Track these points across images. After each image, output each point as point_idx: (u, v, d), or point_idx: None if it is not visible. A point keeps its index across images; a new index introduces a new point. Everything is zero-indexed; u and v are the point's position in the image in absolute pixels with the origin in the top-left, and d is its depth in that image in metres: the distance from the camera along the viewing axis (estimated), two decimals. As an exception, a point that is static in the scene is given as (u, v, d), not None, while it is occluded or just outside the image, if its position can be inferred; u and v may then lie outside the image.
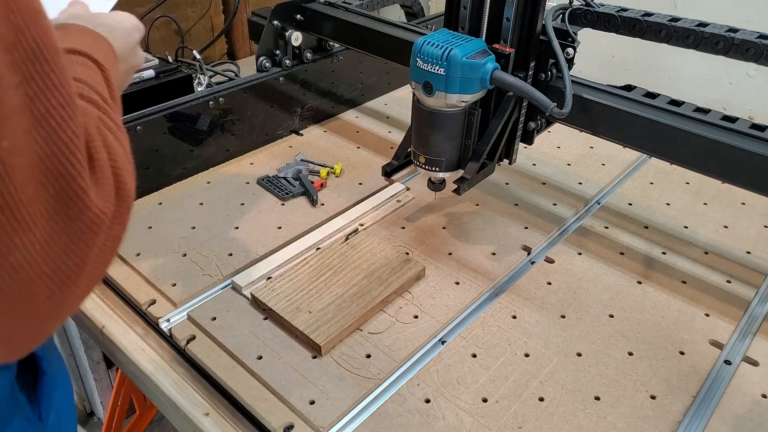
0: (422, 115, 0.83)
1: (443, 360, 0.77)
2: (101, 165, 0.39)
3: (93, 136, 0.39)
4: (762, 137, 0.74)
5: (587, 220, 1.05)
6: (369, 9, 1.23)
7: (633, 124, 0.81)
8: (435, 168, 0.86)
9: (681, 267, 0.94)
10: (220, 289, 0.86)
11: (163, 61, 1.23)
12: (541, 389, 0.73)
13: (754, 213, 1.08)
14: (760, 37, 0.78)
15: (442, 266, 0.92)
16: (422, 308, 0.84)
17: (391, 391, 0.73)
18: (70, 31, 0.54)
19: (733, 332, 0.83)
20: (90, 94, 0.45)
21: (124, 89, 0.64)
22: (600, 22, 0.90)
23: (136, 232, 0.97)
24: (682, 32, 0.83)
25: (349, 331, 0.78)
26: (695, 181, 1.16)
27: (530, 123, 0.90)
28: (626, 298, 0.88)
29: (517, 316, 0.84)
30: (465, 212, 1.05)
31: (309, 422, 0.68)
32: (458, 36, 0.78)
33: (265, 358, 0.75)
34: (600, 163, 1.21)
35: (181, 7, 1.59)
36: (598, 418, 0.70)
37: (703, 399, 0.73)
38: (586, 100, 0.84)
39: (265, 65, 1.21)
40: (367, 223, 1.01)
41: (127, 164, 0.43)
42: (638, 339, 0.81)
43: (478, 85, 0.77)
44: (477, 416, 0.70)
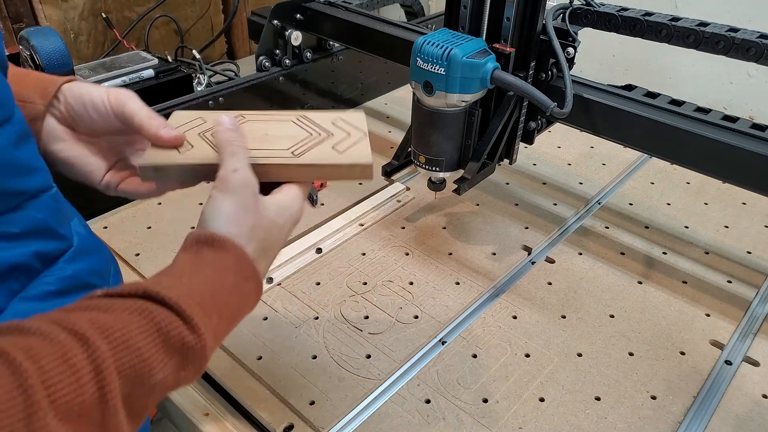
0: (422, 115, 0.82)
1: (443, 360, 0.77)
2: None
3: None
4: (763, 137, 0.74)
5: (588, 220, 1.05)
6: (369, 8, 1.23)
7: (633, 124, 0.81)
8: (435, 168, 0.86)
9: (681, 267, 0.94)
10: (219, 289, 0.86)
11: (162, 61, 1.23)
12: (542, 389, 0.73)
13: (754, 213, 1.08)
14: (761, 36, 0.78)
15: (442, 266, 0.92)
16: (422, 308, 0.84)
17: (391, 392, 0.72)
18: (205, 256, 0.42)
19: (734, 332, 0.83)
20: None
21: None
22: (600, 21, 0.90)
23: (136, 232, 0.97)
24: (682, 32, 0.83)
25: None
26: (696, 181, 1.16)
27: (531, 123, 0.90)
28: (627, 299, 0.88)
29: (517, 317, 0.84)
30: (465, 212, 1.05)
31: (309, 422, 0.68)
32: (458, 35, 0.78)
33: (265, 358, 0.75)
34: (600, 162, 1.21)
35: (181, 6, 1.59)
36: (598, 418, 0.70)
37: (704, 399, 0.73)
38: (586, 100, 0.84)
39: (264, 65, 1.21)
40: (367, 223, 1.01)
41: None
42: (639, 339, 0.81)
43: (479, 84, 0.77)
44: (477, 416, 0.70)
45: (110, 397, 0.33)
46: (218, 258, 0.43)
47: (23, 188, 0.42)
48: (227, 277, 0.43)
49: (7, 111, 0.40)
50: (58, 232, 0.45)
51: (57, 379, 0.31)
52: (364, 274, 0.90)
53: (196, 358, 0.38)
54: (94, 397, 0.32)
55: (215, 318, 0.40)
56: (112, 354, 0.34)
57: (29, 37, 0.97)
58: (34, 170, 0.43)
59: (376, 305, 0.84)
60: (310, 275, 0.89)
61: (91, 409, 0.32)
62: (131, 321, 0.36)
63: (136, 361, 0.35)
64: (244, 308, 0.45)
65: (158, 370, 0.36)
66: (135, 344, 0.35)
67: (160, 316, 0.37)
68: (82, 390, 0.32)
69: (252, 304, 0.46)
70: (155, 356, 0.36)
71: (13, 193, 0.41)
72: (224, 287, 0.42)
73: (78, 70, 1.10)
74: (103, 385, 0.33)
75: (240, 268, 0.44)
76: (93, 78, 1.09)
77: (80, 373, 0.32)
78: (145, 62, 1.17)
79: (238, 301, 0.43)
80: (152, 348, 0.36)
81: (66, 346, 0.32)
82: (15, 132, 0.41)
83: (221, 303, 0.41)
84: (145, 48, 1.47)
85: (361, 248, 0.95)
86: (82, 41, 1.43)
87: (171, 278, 0.41)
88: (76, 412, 0.32)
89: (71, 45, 1.41)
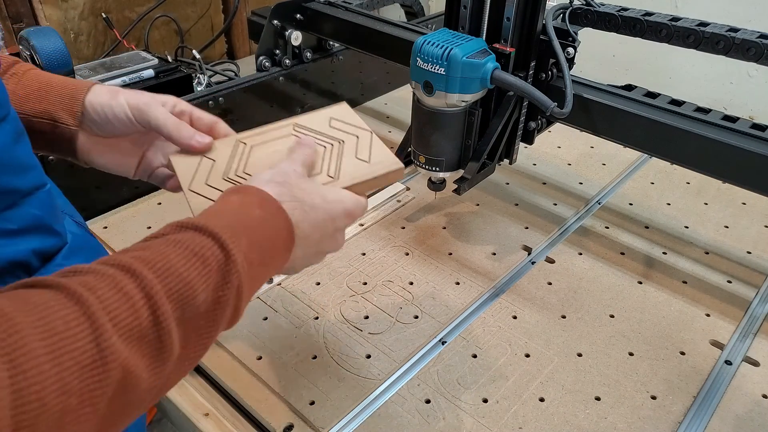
0: (422, 115, 0.82)
1: (443, 360, 0.77)
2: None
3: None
4: (763, 137, 0.74)
5: (588, 220, 1.05)
6: (369, 8, 1.23)
7: (633, 124, 0.81)
8: (435, 168, 0.86)
9: (681, 267, 0.94)
10: (219, 289, 0.86)
11: (162, 61, 1.23)
12: (542, 389, 0.73)
13: (754, 213, 1.08)
14: (761, 36, 0.78)
15: (442, 266, 0.92)
16: (422, 308, 0.84)
17: (391, 392, 0.72)
18: (230, 199, 0.47)
19: (734, 332, 0.83)
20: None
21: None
22: (600, 21, 0.90)
23: (136, 232, 0.97)
24: (682, 32, 0.83)
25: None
26: (696, 181, 1.16)
27: (531, 123, 0.90)
28: (627, 299, 0.88)
29: (517, 317, 0.84)
30: (465, 212, 1.05)
31: (309, 422, 0.68)
32: (458, 35, 0.78)
33: (265, 358, 0.75)
34: (600, 162, 1.21)
35: (181, 6, 1.59)
36: (598, 418, 0.70)
37: (704, 399, 0.73)
38: (586, 100, 0.84)
39: (264, 65, 1.21)
40: (367, 223, 1.01)
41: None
42: (639, 339, 0.81)
43: (479, 84, 0.77)
44: (477, 416, 0.70)
45: (163, 319, 0.36)
46: (243, 198, 0.47)
47: (20, 186, 0.42)
48: (253, 210, 0.46)
49: (3, 110, 0.41)
50: (54, 228, 0.46)
51: (115, 306, 0.34)
52: (364, 274, 0.90)
53: (232, 276, 0.41)
54: (149, 320, 0.36)
55: (244, 240, 0.43)
56: (159, 281, 0.37)
57: (29, 37, 0.97)
58: (29, 168, 0.44)
59: (376, 305, 0.84)
60: (310, 275, 0.89)
61: (148, 331, 0.35)
62: (169, 251, 0.39)
63: (181, 285, 0.38)
64: (276, 242, 0.46)
65: (201, 290, 0.39)
66: (176, 270, 0.38)
67: (194, 241, 0.40)
68: (138, 314, 0.35)
69: (284, 241, 0.48)
70: (196, 278, 0.39)
71: (10, 190, 0.42)
72: (251, 217, 0.45)
73: (78, 70, 1.10)
74: (155, 309, 0.36)
75: (265, 205, 0.47)
76: (93, 78, 1.09)
77: (134, 299, 0.35)
78: (145, 62, 1.17)
79: (267, 233, 0.46)
80: (192, 271, 0.39)
81: (117, 278, 0.36)
82: (11, 130, 0.41)
83: (249, 229, 0.44)
84: (145, 48, 1.47)
85: (361, 248, 0.95)
86: (82, 41, 1.43)
87: (200, 216, 0.44)
88: (136, 334, 0.35)
89: (71, 45, 1.41)
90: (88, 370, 0.32)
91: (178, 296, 0.37)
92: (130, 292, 0.35)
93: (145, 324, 0.35)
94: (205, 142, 0.58)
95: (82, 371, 0.32)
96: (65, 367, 0.31)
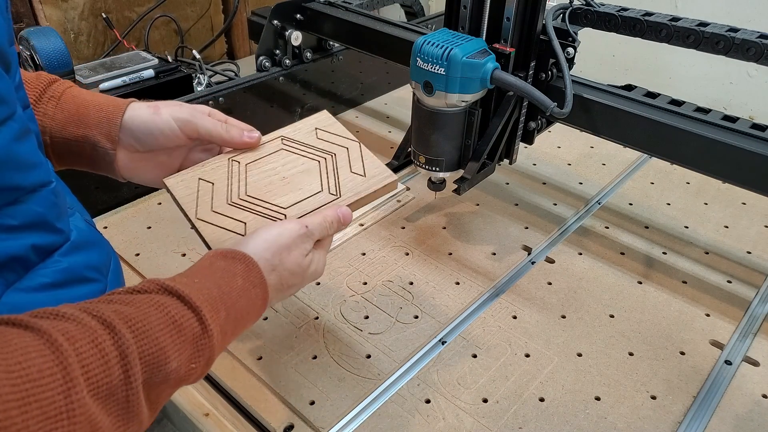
0: (422, 115, 0.82)
1: (443, 360, 0.77)
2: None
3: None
4: (762, 137, 0.74)
5: (588, 220, 1.05)
6: (369, 8, 1.23)
7: (633, 124, 0.81)
8: (435, 168, 0.86)
9: (681, 267, 0.94)
10: (219, 289, 0.86)
11: (162, 61, 1.23)
12: (542, 389, 0.73)
13: (754, 213, 1.08)
14: (761, 36, 0.78)
15: (442, 266, 0.92)
16: (422, 308, 0.84)
17: (391, 392, 0.72)
18: (217, 265, 0.48)
19: (734, 332, 0.83)
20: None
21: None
22: (600, 21, 0.90)
23: (136, 232, 0.97)
24: (682, 32, 0.83)
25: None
26: (696, 181, 1.16)
27: (530, 123, 0.90)
28: (627, 299, 0.88)
29: (517, 317, 0.84)
30: (465, 212, 1.05)
31: (309, 422, 0.68)
32: (458, 35, 0.78)
33: (265, 358, 0.75)
34: (600, 162, 1.21)
35: (181, 6, 1.59)
36: (598, 418, 0.70)
37: (704, 399, 0.73)
38: (586, 100, 0.84)
39: (264, 65, 1.21)
40: (367, 223, 1.01)
41: None
42: (639, 339, 0.81)
43: (479, 84, 0.77)
44: (477, 416, 0.70)
45: (133, 380, 0.37)
46: (229, 265, 0.48)
47: (23, 183, 0.43)
48: (236, 280, 0.47)
49: (9, 108, 0.41)
50: (56, 226, 0.46)
51: (90, 360, 0.35)
52: (364, 274, 0.90)
53: (205, 350, 0.42)
54: (120, 379, 0.36)
55: (223, 314, 0.45)
56: (135, 341, 0.38)
57: (29, 37, 0.97)
58: (34, 165, 0.44)
59: (376, 305, 0.84)
60: (310, 275, 0.89)
61: (117, 390, 0.36)
62: (150, 313, 0.40)
63: (155, 348, 0.39)
64: (251, 312, 0.49)
65: (173, 359, 0.40)
66: (154, 334, 0.39)
67: (175, 309, 0.41)
68: (111, 371, 0.36)
69: (258, 309, 0.50)
70: (171, 345, 0.40)
71: (13, 187, 0.42)
72: (233, 289, 0.47)
73: (78, 70, 1.10)
74: (127, 369, 0.36)
75: (248, 275, 0.48)
76: (93, 78, 1.09)
77: (109, 356, 0.36)
78: (145, 62, 1.17)
79: (246, 304, 0.47)
80: (168, 338, 0.40)
81: (96, 332, 0.36)
82: (16, 129, 0.42)
83: (229, 303, 0.46)
84: (145, 48, 1.47)
85: (361, 248, 0.95)
86: (82, 41, 1.43)
87: (185, 278, 0.45)
88: (105, 391, 0.35)
89: (71, 45, 1.41)
90: (53, 422, 0.32)
91: (151, 360, 0.38)
92: (106, 349, 0.36)
93: (116, 382, 0.36)
94: (256, 136, 0.62)
95: (46, 422, 0.32)
96: (32, 415, 0.31)
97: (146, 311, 0.40)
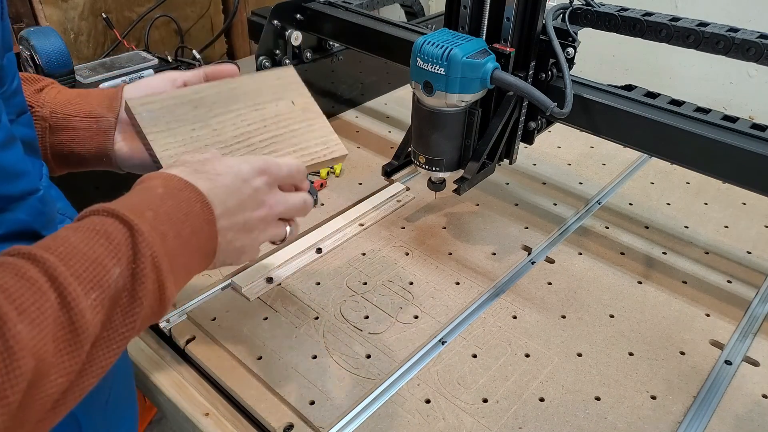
0: (422, 115, 0.82)
1: (443, 360, 0.77)
2: None
3: None
4: (762, 137, 0.74)
5: (588, 220, 1.05)
6: (369, 8, 1.23)
7: (633, 124, 0.81)
8: (435, 168, 0.86)
9: (681, 267, 0.94)
10: (219, 290, 0.86)
11: (162, 61, 1.23)
12: (542, 389, 0.73)
13: (754, 213, 1.08)
14: (761, 36, 0.78)
15: (442, 266, 0.92)
16: (422, 308, 0.84)
17: (391, 392, 0.72)
18: (135, 187, 0.47)
19: (734, 332, 0.83)
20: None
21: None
22: (600, 21, 0.90)
23: (136, 232, 0.97)
24: (682, 32, 0.83)
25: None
26: (696, 181, 1.16)
27: (531, 123, 0.90)
28: (627, 299, 0.88)
29: (517, 317, 0.84)
30: (465, 212, 1.05)
31: (309, 422, 0.68)
32: (458, 35, 0.78)
33: (265, 358, 0.75)
34: (600, 162, 1.21)
35: (181, 6, 1.59)
36: (598, 418, 0.70)
37: (704, 399, 0.73)
38: (586, 100, 0.84)
39: (264, 65, 1.21)
40: (367, 223, 1.01)
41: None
42: (639, 339, 0.81)
43: (479, 84, 0.77)
44: (477, 416, 0.70)
45: (71, 299, 0.35)
46: (146, 183, 0.47)
47: (8, 192, 0.42)
48: (155, 190, 0.46)
49: None
50: (42, 234, 0.45)
51: (20, 293, 0.33)
52: (364, 274, 0.90)
53: (144, 248, 0.40)
54: (56, 303, 0.35)
55: (149, 214, 0.43)
56: (62, 263, 0.36)
57: (29, 37, 0.97)
58: (20, 174, 0.43)
59: (376, 305, 0.84)
60: (310, 275, 0.89)
61: (58, 314, 0.35)
62: (70, 235, 0.39)
63: (88, 263, 0.37)
64: (189, 215, 0.46)
65: (112, 266, 0.38)
66: (80, 250, 0.38)
67: (94, 222, 0.40)
68: (45, 297, 0.34)
69: (199, 213, 0.47)
70: (103, 255, 0.38)
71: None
72: (154, 196, 0.45)
73: (78, 70, 1.10)
74: (61, 291, 0.35)
75: (168, 182, 0.47)
76: (93, 78, 1.09)
77: (38, 283, 0.34)
78: (146, 62, 1.17)
79: (173, 204, 0.45)
80: (98, 248, 0.38)
81: (18, 264, 0.35)
82: (1, 137, 0.41)
83: (153, 205, 0.44)
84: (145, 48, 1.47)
85: (361, 248, 0.95)
86: (82, 41, 1.43)
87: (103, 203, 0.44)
88: (45, 320, 0.34)
89: (71, 45, 1.41)
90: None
91: (89, 275, 0.37)
92: (33, 277, 0.34)
93: (55, 307, 0.34)
94: (231, 66, 0.67)
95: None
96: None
97: (66, 235, 0.39)
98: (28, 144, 0.47)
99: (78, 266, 0.37)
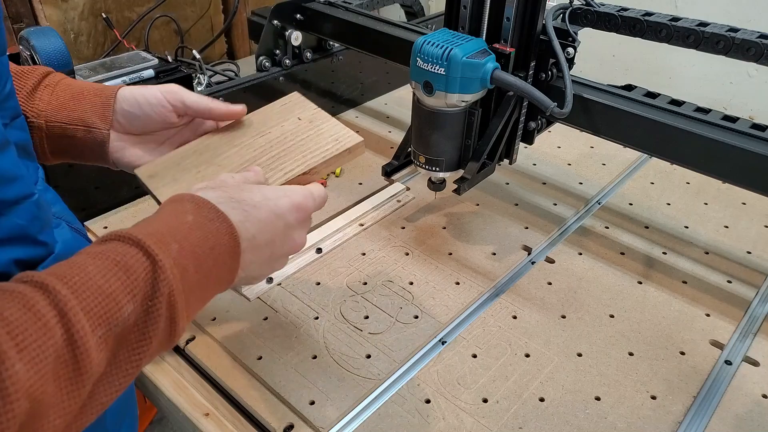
0: (422, 115, 0.82)
1: (443, 360, 0.77)
2: None
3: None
4: (763, 137, 0.74)
5: (588, 220, 1.05)
6: (369, 8, 1.23)
7: (633, 124, 0.81)
8: (435, 168, 0.86)
9: (681, 267, 0.94)
10: (219, 289, 0.86)
11: (162, 61, 1.23)
12: (542, 389, 0.73)
13: (754, 213, 1.08)
14: (761, 36, 0.78)
15: (442, 266, 0.92)
16: (422, 308, 0.84)
17: (391, 392, 0.72)
18: (164, 209, 0.45)
19: (734, 332, 0.83)
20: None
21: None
22: (600, 21, 0.90)
23: (136, 232, 0.97)
24: (682, 32, 0.83)
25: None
26: (696, 181, 1.16)
27: (531, 123, 0.90)
28: (627, 299, 0.88)
29: (517, 317, 0.84)
30: (465, 212, 1.05)
31: (309, 422, 0.68)
32: (458, 36, 0.78)
33: (265, 358, 0.75)
34: (600, 162, 1.21)
35: (181, 6, 1.59)
36: (598, 418, 0.70)
37: (704, 399, 0.73)
38: (586, 100, 0.84)
39: (264, 65, 1.21)
40: (367, 223, 1.01)
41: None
42: (639, 339, 0.81)
43: (479, 84, 0.77)
44: (477, 416, 0.70)
45: (78, 337, 0.33)
46: (175, 206, 0.45)
47: (3, 196, 0.41)
48: (185, 217, 0.44)
49: None
50: (38, 239, 0.44)
51: (23, 327, 0.32)
52: (364, 274, 0.90)
53: (162, 284, 0.39)
54: (62, 339, 0.33)
55: (174, 246, 0.41)
56: (74, 295, 0.34)
57: (29, 37, 0.97)
58: (14, 178, 0.43)
59: (376, 305, 0.84)
60: (310, 275, 0.89)
61: (62, 352, 0.33)
62: (88, 263, 0.37)
63: (101, 298, 0.35)
64: (215, 247, 0.44)
65: (125, 302, 0.36)
66: (95, 283, 0.36)
67: (116, 251, 0.38)
68: (50, 334, 0.32)
69: (227, 244, 0.45)
70: (120, 289, 0.36)
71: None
72: (182, 224, 0.43)
73: (78, 70, 1.10)
74: (69, 327, 0.33)
75: (198, 210, 0.45)
76: (93, 78, 1.09)
77: (45, 318, 0.33)
78: (145, 62, 1.17)
79: (204, 237, 0.43)
80: (115, 281, 0.36)
81: (27, 295, 0.33)
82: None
83: (179, 236, 0.42)
84: (145, 48, 1.47)
85: (361, 248, 0.95)
86: (82, 41, 1.43)
87: (129, 228, 0.42)
88: (47, 357, 0.32)
89: (71, 45, 1.41)
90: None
91: (100, 311, 0.35)
92: (41, 311, 0.33)
93: (59, 344, 0.33)
94: (241, 107, 0.63)
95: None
96: None
97: (84, 263, 0.36)
98: (22, 147, 0.46)
99: (90, 300, 0.35)
